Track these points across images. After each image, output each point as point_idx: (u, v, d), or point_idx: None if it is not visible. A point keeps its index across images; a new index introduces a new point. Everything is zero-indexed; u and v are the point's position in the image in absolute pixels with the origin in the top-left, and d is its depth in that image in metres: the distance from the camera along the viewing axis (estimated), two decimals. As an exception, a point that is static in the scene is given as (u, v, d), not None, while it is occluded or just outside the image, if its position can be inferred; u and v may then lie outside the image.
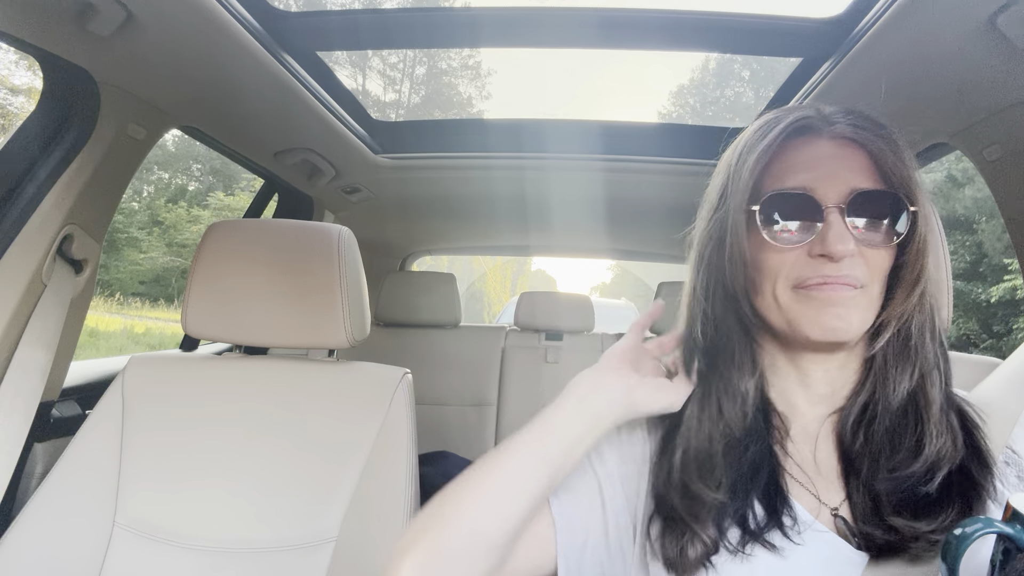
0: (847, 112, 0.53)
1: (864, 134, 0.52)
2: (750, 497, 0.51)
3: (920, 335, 0.52)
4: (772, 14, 1.02)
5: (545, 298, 2.30)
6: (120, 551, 0.91)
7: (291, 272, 1.02)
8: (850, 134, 0.52)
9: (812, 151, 0.53)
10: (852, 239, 0.50)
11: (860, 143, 0.52)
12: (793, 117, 0.53)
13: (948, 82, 0.89)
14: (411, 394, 1.02)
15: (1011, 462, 0.51)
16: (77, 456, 0.94)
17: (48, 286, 1.01)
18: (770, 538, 0.49)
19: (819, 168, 0.52)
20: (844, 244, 0.49)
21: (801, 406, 0.56)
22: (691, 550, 0.50)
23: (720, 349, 0.56)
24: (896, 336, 0.53)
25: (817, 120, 0.53)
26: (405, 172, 1.65)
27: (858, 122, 0.52)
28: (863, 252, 0.51)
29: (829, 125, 0.53)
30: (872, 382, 0.53)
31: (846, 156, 0.52)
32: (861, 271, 0.50)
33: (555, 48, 1.17)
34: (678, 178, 1.57)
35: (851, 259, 0.50)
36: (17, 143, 0.97)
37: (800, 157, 0.53)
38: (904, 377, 0.52)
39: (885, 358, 0.53)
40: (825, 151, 0.52)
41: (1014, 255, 0.98)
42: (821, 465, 0.53)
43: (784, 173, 0.53)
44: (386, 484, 0.92)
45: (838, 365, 0.55)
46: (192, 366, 1.05)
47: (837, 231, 0.49)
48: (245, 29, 0.93)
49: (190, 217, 17.79)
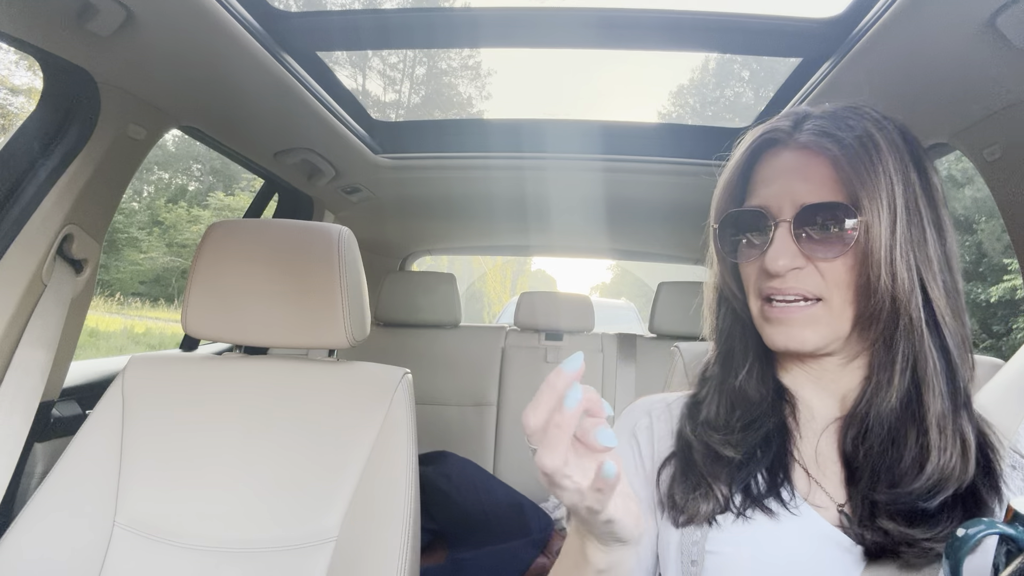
0: (823, 115, 0.53)
1: (823, 141, 0.51)
2: (759, 466, 0.53)
3: (907, 337, 0.50)
4: (772, 14, 1.02)
5: (545, 298, 2.29)
6: (120, 551, 0.91)
7: (291, 272, 1.02)
8: (810, 143, 0.52)
9: (775, 165, 0.55)
10: (792, 254, 0.51)
11: (819, 151, 0.52)
12: (761, 131, 0.56)
13: (948, 82, 0.89)
14: (411, 394, 1.02)
15: (1017, 466, 0.51)
16: (77, 456, 0.94)
17: (48, 286, 1.01)
18: (768, 504, 0.51)
19: (778, 182, 0.54)
20: (784, 259, 0.51)
21: (811, 399, 0.57)
22: (704, 505, 0.52)
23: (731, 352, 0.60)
24: (880, 342, 0.52)
25: (784, 132, 0.54)
26: (405, 172, 1.65)
27: (825, 126, 0.52)
28: (817, 264, 0.52)
29: (796, 135, 0.54)
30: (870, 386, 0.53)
31: (806, 166, 0.53)
32: (813, 283, 0.51)
33: (555, 48, 1.17)
34: (678, 178, 1.57)
35: (798, 272, 0.51)
36: (17, 143, 0.97)
37: (764, 172, 0.56)
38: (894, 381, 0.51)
39: (878, 362, 0.52)
40: (787, 164, 0.54)
41: (1014, 255, 0.98)
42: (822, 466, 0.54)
43: (753, 188, 0.56)
44: (386, 484, 0.92)
45: (837, 364, 0.55)
46: (192, 366, 1.05)
47: (777, 247, 0.52)
48: (245, 29, 0.93)
49: (190, 217, 17.79)
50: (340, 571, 0.89)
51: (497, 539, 1.63)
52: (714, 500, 0.52)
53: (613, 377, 2.18)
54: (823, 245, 0.51)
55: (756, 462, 0.53)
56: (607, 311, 5.99)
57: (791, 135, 0.54)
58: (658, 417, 0.62)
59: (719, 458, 0.54)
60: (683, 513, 0.53)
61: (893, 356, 0.51)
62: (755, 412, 0.56)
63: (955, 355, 0.50)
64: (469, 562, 1.52)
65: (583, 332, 2.29)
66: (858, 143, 0.50)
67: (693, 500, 0.52)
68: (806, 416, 0.56)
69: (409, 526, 0.89)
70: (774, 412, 0.56)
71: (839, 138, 0.51)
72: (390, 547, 0.86)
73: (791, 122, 0.54)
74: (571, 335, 2.28)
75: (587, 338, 2.28)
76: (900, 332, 0.50)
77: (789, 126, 0.54)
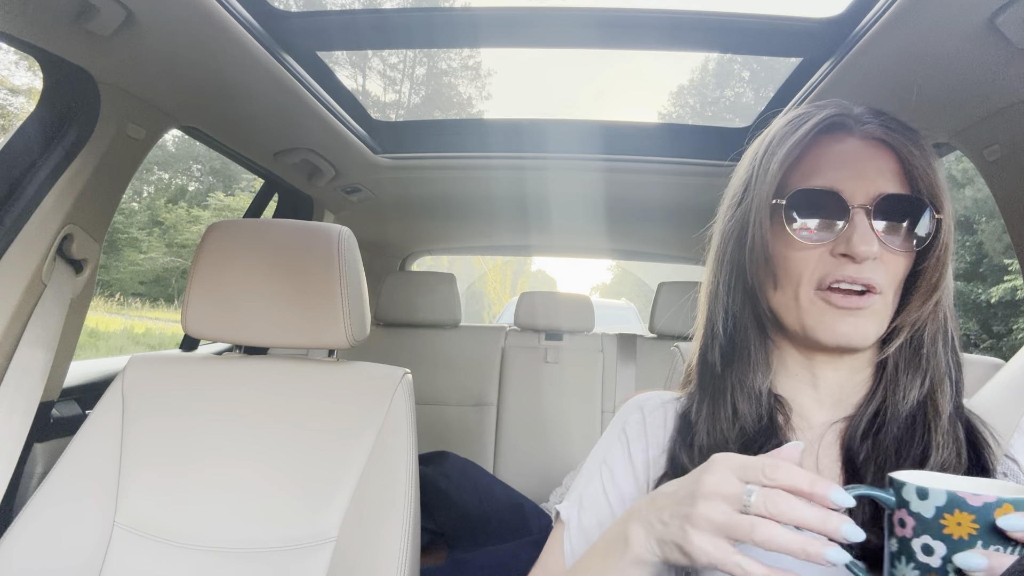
0: (877, 113, 0.53)
1: (894, 136, 0.51)
2: None
3: (932, 343, 0.52)
4: (772, 14, 1.02)
5: (545, 298, 2.29)
6: (120, 551, 0.91)
7: (291, 272, 1.02)
8: (880, 135, 0.52)
9: (841, 149, 0.52)
10: (876, 241, 0.49)
11: (890, 145, 0.52)
12: (825, 114, 0.52)
13: (948, 82, 0.89)
14: (411, 394, 1.02)
15: (1010, 472, 0.51)
16: (77, 456, 0.94)
17: (48, 286, 1.01)
18: None
19: (847, 167, 0.51)
20: (868, 245, 0.48)
21: (808, 408, 0.55)
22: None
23: (737, 346, 0.56)
24: (908, 343, 0.52)
25: (848, 118, 0.52)
26: (405, 172, 1.65)
27: (888, 124, 0.52)
28: (884, 256, 0.50)
29: (860, 124, 0.52)
30: (883, 389, 0.53)
31: (875, 157, 0.52)
32: (881, 275, 0.50)
33: (555, 48, 1.17)
34: (678, 178, 1.57)
35: (873, 262, 0.50)
36: (17, 143, 0.97)
37: (829, 155, 0.52)
38: (914, 385, 0.52)
39: (896, 365, 0.53)
40: (854, 150, 0.52)
41: (1014, 255, 0.98)
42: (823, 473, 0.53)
43: (812, 170, 0.52)
44: (386, 484, 0.92)
45: (849, 368, 0.54)
46: (192, 366, 1.05)
47: (862, 232, 0.49)
48: (245, 29, 0.93)
49: (190, 217, 17.80)
50: (340, 571, 0.89)
51: (497, 539, 1.63)
52: None
53: (613, 377, 2.18)
54: (896, 237, 0.50)
55: None
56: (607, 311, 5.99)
57: (855, 124, 0.52)
58: (651, 412, 0.61)
59: None
60: None
61: (918, 361, 0.52)
62: (759, 424, 0.54)
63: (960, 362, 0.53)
64: (469, 562, 1.52)
65: (583, 332, 2.29)
66: (924, 146, 0.51)
67: None
68: (802, 426, 0.55)
69: (409, 526, 0.89)
70: (771, 427, 0.54)
71: (908, 136, 0.51)
72: (390, 547, 0.86)
73: (846, 110, 0.53)
74: (571, 335, 2.28)
75: (587, 338, 2.28)
76: (928, 336, 0.52)
77: (848, 114, 0.53)
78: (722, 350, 0.56)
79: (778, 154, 0.52)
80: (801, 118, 0.53)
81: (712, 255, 0.59)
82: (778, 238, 0.53)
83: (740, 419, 0.54)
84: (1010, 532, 0.35)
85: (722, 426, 0.54)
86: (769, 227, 0.52)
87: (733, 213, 0.57)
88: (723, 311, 0.57)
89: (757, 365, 0.55)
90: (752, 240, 0.53)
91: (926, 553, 0.38)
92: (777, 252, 0.53)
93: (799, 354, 0.55)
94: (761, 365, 0.55)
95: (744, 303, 0.56)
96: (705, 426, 0.55)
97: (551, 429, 2.13)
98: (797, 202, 0.52)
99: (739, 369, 0.55)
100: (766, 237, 0.52)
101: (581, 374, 2.20)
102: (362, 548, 0.89)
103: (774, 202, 0.52)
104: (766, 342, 0.56)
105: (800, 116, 0.53)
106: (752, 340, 0.55)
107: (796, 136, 0.51)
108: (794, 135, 0.52)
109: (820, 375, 0.55)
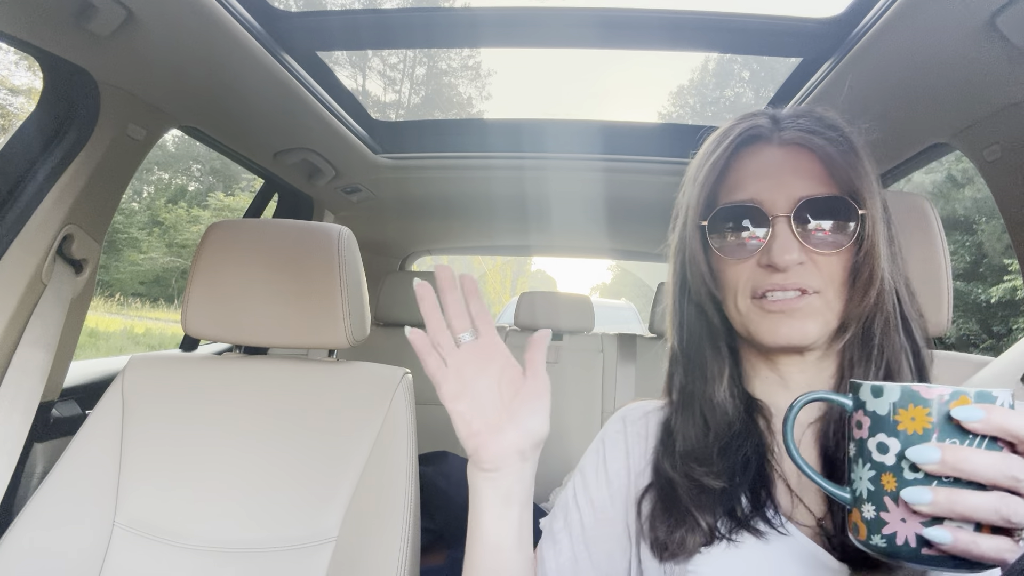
0: (799, 115, 0.53)
1: (812, 138, 0.51)
2: (741, 488, 0.52)
3: (884, 333, 0.52)
4: (772, 14, 1.02)
5: (545, 298, 2.29)
6: (120, 551, 0.91)
7: (291, 272, 1.02)
8: (798, 139, 0.52)
9: (761, 160, 0.53)
10: (797, 248, 0.50)
11: (809, 147, 0.52)
12: (741, 127, 0.54)
13: (948, 82, 0.89)
14: (411, 394, 1.02)
15: None
16: (77, 456, 0.94)
17: (48, 286, 1.01)
18: (755, 524, 0.50)
19: (768, 177, 0.52)
20: (788, 254, 0.50)
21: (784, 406, 0.56)
22: (690, 538, 0.50)
23: (694, 360, 0.58)
24: (860, 335, 0.53)
25: (766, 128, 0.54)
26: (405, 172, 1.65)
27: (809, 125, 0.52)
28: (814, 259, 0.51)
29: (778, 131, 0.53)
30: (845, 382, 0.53)
31: (795, 162, 0.52)
32: (812, 278, 0.51)
33: (555, 48, 1.17)
34: (678, 178, 1.55)
35: (800, 267, 0.51)
36: (17, 143, 0.97)
37: (750, 167, 0.54)
38: (869, 375, 0.52)
39: (851, 358, 0.54)
40: (774, 159, 0.53)
41: (1014, 255, 0.98)
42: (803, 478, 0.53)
43: (735, 185, 0.54)
44: (386, 484, 0.92)
45: (813, 365, 0.55)
46: (192, 366, 1.05)
47: (781, 241, 0.50)
48: (245, 29, 0.93)
49: (190, 217, 17.81)
50: (340, 571, 0.89)
51: (497, 539, 1.62)
52: (700, 532, 0.50)
53: (613, 377, 2.18)
54: (824, 239, 0.51)
55: (737, 485, 0.51)
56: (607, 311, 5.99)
57: (774, 132, 0.53)
58: (633, 423, 0.61)
59: (704, 489, 0.52)
60: (667, 549, 0.51)
61: (869, 351, 0.52)
62: (730, 431, 0.54)
63: (923, 349, 0.53)
64: (469, 562, 1.52)
65: (583, 332, 2.29)
66: (846, 142, 0.51)
67: (680, 536, 0.51)
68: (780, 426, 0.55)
69: (409, 526, 0.89)
70: (750, 429, 0.54)
71: (828, 136, 0.51)
72: (390, 547, 0.86)
73: (768, 120, 0.54)
74: (571, 335, 2.28)
75: (587, 338, 2.28)
76: (877, 327, 0.52)
77: (768, 123, 0.54)
78: (683, 364, 0.58)
79: (699, 177, 0.54)
80: (723, 135, 0.55)
81: (668, 272, 0.62)
82: (711, 255, 0.55)
83: (711, 428, 0.55)
84: (965, 423, 0.34)
85: (696, 433, 0.55)
86: (700, 247, 0.55)
87: (677, 234, 0.59)
88: (678, 326, 0.59)
89: (714, 377, 0.56)
90: (690, 259, 0.56)
91: (881, 451, 0.37)
92: (714, 268, 0.55)
93: (763, 358, 0.56)
94: (717, 376, 0.56)
95: (696, 318, 0.58)
96: (682, 434, 0.56)
97: (551, 429, 2.12)
98: (720, 219, 0.54)
99: (698, 381, 0.57)
100: (699, 257, 0.55)
101: (581, 374, 2.20)
102: (362, 548, 0.89)
103: (701, 223, 0.54)
104: (719, 354, 0.57)
105: (722, 133, 0.55)
106: (706, 353, 0.57)
107: (716, 154, 0.54)
108: (714, 154, 0.54)
109: (787, 376, 0.56)
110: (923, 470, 0.35)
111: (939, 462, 0.34)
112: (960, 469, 0.34)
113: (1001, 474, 0.33)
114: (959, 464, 0.34)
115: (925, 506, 0.34)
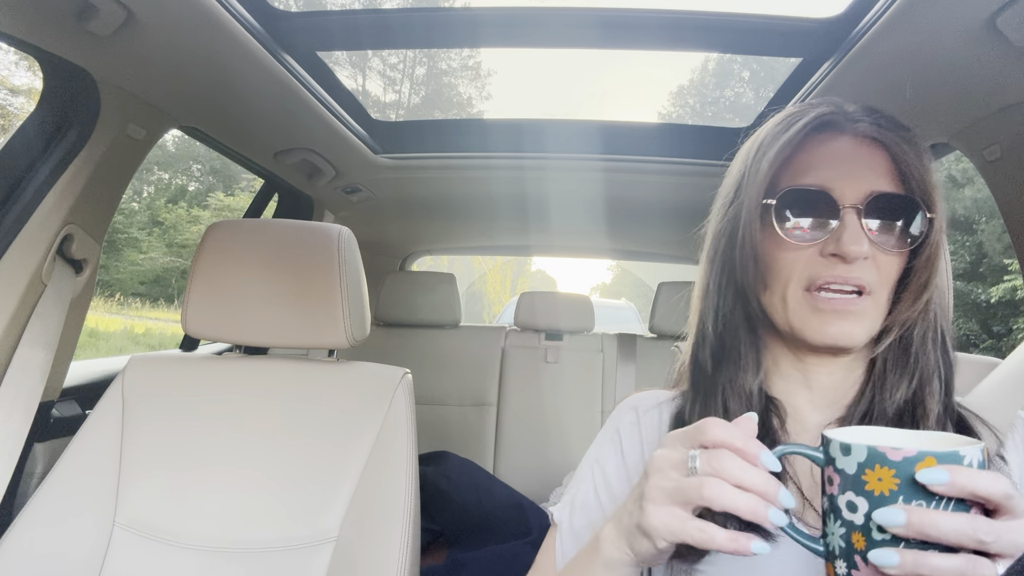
0: (870, 111, 0.52)
1: (887, 134, 0.51)
2: None
3: (922, 343, 0.51)
4: (772, 14, 1.02)
5: (545, 298, 2.29)
6: (120, 551, 0.91)
7: (291, 272, 1.02)
8: (873, 133, 0.51)
9: (833, 148, 0.52)
10: (867, 241, 0.49)
11: (882, 143, 0.51)
12: (816, 112, 0.52)
13: (948, 82, 0.89)
14: (411, 394, 1.02)
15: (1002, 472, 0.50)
16: (77, 456, 0.94)
17: (48, 286, 1.01)
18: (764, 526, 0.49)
19: (839, 166, 0.51)
20: (858, 245, 0.48)
21: (803, 408, 0.55)
22: None
23: (727, 346, 0.55)
24: (898, 343, 0.52)
25: (840, 117, 0.52)
26: (405, 172, 1.65)
27: (881, 122, 0.51)
28: (875, 256, 0.50)
29: (852, 123, 0.52)
30: (872, 388, 0.53)
31: (867, 156, 0.51)
32: (871, 275, 0.49)
33: (555, 48, 1.17)
34: (678, 178, 1.57)
35: (863, 262, 0.49)
36: (17, 143, 0.97)
37: (820, 154, 0.52)
38: (902, 384, 0.51)
39: (885, 364, 0.52)
40: (846, 149, 0.52)
41: (1014, 255, 0.98)
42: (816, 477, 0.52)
43: (803, 169, 0.52)
44: (386, 484, 0.92)
45: (843, 368, 0.54)
46: (192, 366, 1.05)
47: (852, 232, 0.48)
48: (245, 29, 0.93)
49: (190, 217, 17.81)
50: (340, 571, 0.89)
51: (497, 539, 1.63)
52: None
53: (613, 377, 2.19)
54: (888, 236, 0.50)
55: None
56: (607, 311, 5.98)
57: (847, 122, 0.52)
58: (646, 412, 0.60)
59: None
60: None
61: (907, 358, 0.51)
62: None
63: (952, 360, 0.52)
64: (469, 562, 1.52)
65: (583, 332, 2.29)
66: (919, 144, 0.50)
67: None
68: (796, 429, 0.54)
69: (409, 526, 0.89)
70: (765, 427, 0.53)
71: (901, 135, 0.50)
72: (390, 547, 0.86)
73: (840, 110, 0.53)
74: (571, 335, 2.28)
75: (587, 338, 2.28)
76: (916, 336, 0.51)
77: (840, 113, 0.52)
78: (712, 350, 0.56)
79: (769, 154, 0.51)
80: (793, 117, 0.52)
81: (704, 254, 0.59)
82: (768, 238, 0.52)
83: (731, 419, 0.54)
84: (930, 486, 0.34)
85: None
86: (759, 227, 0.52)
87: (725, 213, 0.56)
88: (714, 311, 0.56)
89: (747, 366, 0.54)
90: (742, 240, 0.53)
91: (850, 510, 0.37)
92: (767, 252, 0.53)
93: (791, 355, 0.55)
94: (751, 366, 0.54)
95: (735, 303, 0.56)
96: None
97: (551, 429, 2.13)
98: (787, 201, 0.51)
99: (729, 370, 0.54)
100: (755, 237, 0.52)
101: (581, 374, 2.20)
102: (362, 548, 0.89)
103: (764, 202, 0.52)
104: (756, 342, 0.55)
105: (792, 115, 0.53)
106: (742, 340, 0.55)
107: (787, 135, 0.51)
108: (785, 134, 0.51)
109: (813, 377, 0.54)
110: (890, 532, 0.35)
111: (904, 525, 0.34)
112: (925, 533, 0.33)
113: (967, 537, 0.33)
114: (924, 528, 0.33)
115: (893, 568, 0.34)
